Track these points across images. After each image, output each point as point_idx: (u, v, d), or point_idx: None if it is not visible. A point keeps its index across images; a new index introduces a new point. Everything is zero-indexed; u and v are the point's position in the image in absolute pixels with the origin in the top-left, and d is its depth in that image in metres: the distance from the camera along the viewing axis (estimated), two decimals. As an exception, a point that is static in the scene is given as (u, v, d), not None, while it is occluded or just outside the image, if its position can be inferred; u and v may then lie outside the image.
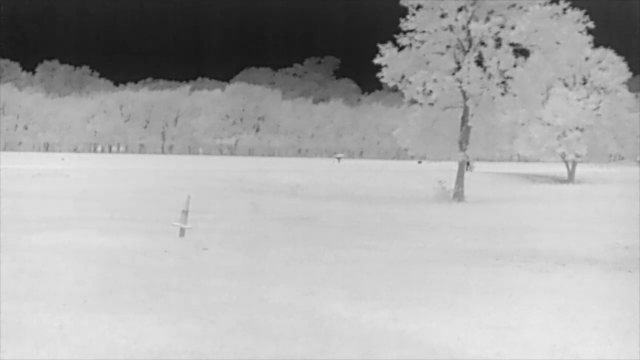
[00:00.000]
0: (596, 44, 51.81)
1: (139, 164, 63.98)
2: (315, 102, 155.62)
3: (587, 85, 59.09)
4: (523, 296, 10.20)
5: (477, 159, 36.16)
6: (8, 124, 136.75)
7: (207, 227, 18.59)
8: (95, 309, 8.79)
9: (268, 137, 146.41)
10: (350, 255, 14.28)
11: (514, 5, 33.68)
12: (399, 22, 34.00)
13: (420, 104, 34.64)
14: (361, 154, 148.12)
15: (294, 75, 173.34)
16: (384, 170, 63.22)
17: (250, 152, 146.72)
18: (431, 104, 34.34)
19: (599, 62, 58.56)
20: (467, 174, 35.49)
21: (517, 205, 31.89)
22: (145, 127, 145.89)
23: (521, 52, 33.50)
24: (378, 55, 34.27)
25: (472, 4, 33.65)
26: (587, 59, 57.43)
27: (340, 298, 9.80)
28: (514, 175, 61.53)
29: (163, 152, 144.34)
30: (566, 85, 58.91)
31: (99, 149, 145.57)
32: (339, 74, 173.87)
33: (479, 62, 33.39)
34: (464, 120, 34.27)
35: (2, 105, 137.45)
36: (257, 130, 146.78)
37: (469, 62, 32.98)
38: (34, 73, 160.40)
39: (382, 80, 34.80)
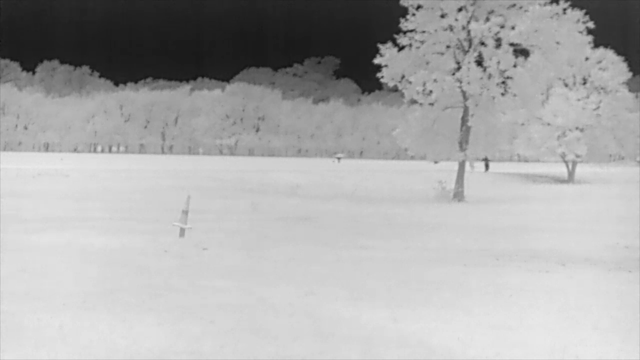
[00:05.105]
0: (596, 44, 51.75)
1: (139, 164, 63.93)
2: (315, 102, 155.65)
3: (587, 85, 59.13)
4: (523, 296, 10.19)
5: (477, 159, 36.06)
6: (8, 124, 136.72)
7: (207, 227, 18.59)
8: (95, 309, 8.79)
9: (268, 137, 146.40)
10: (350, 255, 14.28)
11: (514, 5, 33.70)
12: (399, 22, 34.04)
13: (420, 104, 34.67)
14: (361, 154, 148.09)
15: (294, 75, 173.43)
16: (384, 170, 63.22)
17: (250, 152, 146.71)
18: (431, 104, 34.36)
19: (599, 62, 58.60)
20: (467, 174, 35.50)
21: (517, 205, 31.89)
22: (145, 127, 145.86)
23: (521, 52, 33.51)
24: (378, 55, 34.29)
25: (472, 4, 33.67)
26: (587, 59, 57.45)
27: (340, 298, 9.80)
28: (514, 175, 61.53)
29: (163, 152, 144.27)
30: (566, 85, 58.94)
31: (99, 149, 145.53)
32: (339, 74, 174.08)
33: (479, 62, 33.41)
34: (464, 120, 34.29)
35: (2, 105, 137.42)
36: (257, 130, 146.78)
37: (469, 62, 33.00)
38: (34, 73, 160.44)
39: (382, 80, 34.83)
